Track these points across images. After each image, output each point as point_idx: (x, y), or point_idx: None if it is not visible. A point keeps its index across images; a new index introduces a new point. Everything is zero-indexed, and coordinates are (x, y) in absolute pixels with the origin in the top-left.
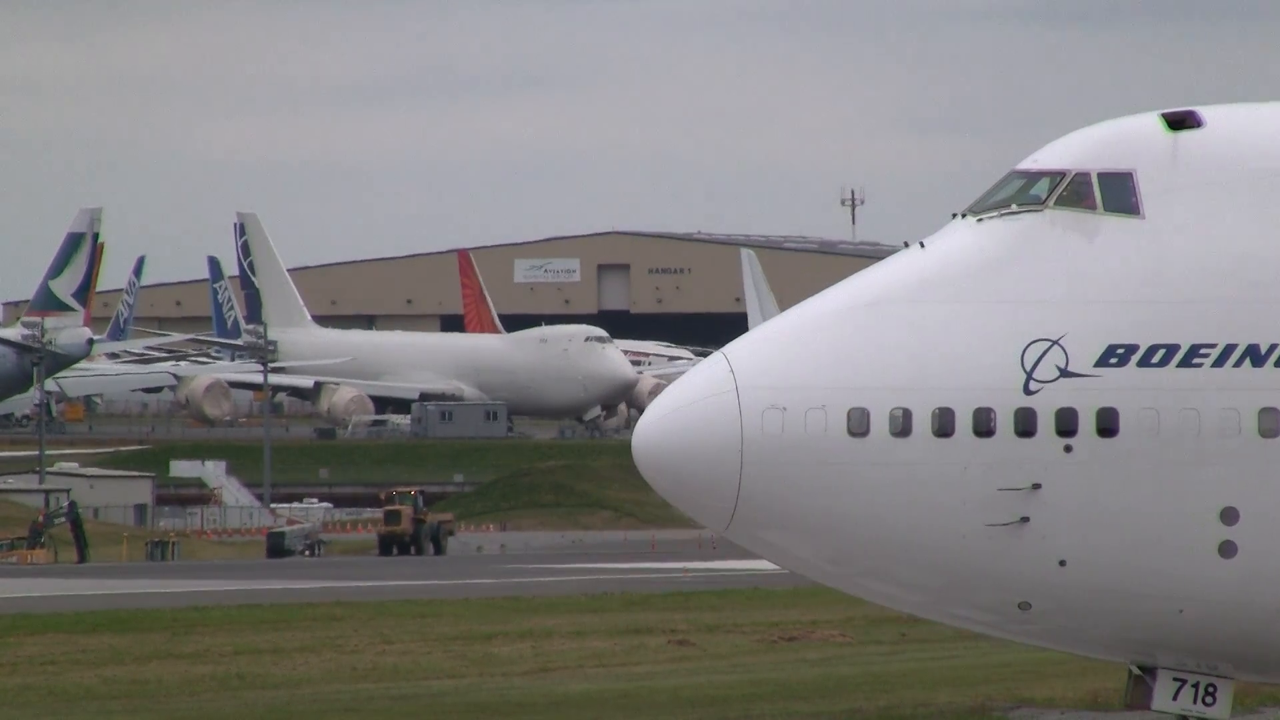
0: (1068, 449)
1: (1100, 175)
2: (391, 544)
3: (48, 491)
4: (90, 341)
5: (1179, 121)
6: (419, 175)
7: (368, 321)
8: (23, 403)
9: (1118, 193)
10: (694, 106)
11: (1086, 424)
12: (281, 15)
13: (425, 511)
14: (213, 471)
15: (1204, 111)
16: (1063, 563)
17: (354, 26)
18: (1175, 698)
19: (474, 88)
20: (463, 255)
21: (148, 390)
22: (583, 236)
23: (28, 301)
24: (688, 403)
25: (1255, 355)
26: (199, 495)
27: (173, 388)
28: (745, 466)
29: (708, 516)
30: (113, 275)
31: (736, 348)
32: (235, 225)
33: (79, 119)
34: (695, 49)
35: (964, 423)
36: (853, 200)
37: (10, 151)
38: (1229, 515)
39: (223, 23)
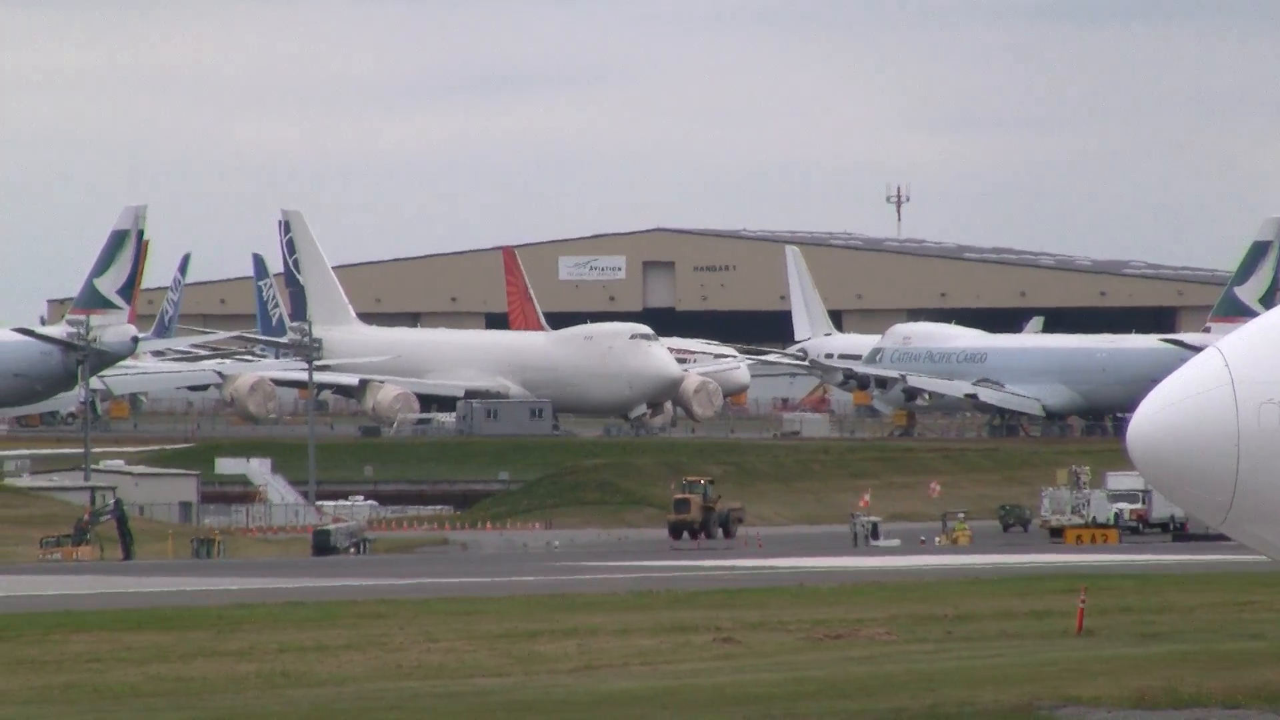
0: None
1: None
2: (681, 530)
3: (93, 489)
4: (135, 339)
5: None
6: (464, 173)
7: (412, 319)
8: (68, 400)
9: None
10: (739, 103)
11: None
12: (326, 12)
13: (715, 500)
14: (258, 469)
15: None
16: None
17: (399, 23)
18: None
19: (519, 85)
20: (507, 252)
21: (192, 388)
22: (628, 234)
23: (72, 299)
24: (1183, 397)
25: None
26: (244, 493)
27: (218, 386)
28: (1242, 461)
29: (1203, 510)
30: (157, 273)
31: (1230, 342)
32: (280, 223)
33: (123, 116)
34: (740, 45)
35: None
36: (898, 197)
37: (55, 148)
38: None
39: (268, 19)
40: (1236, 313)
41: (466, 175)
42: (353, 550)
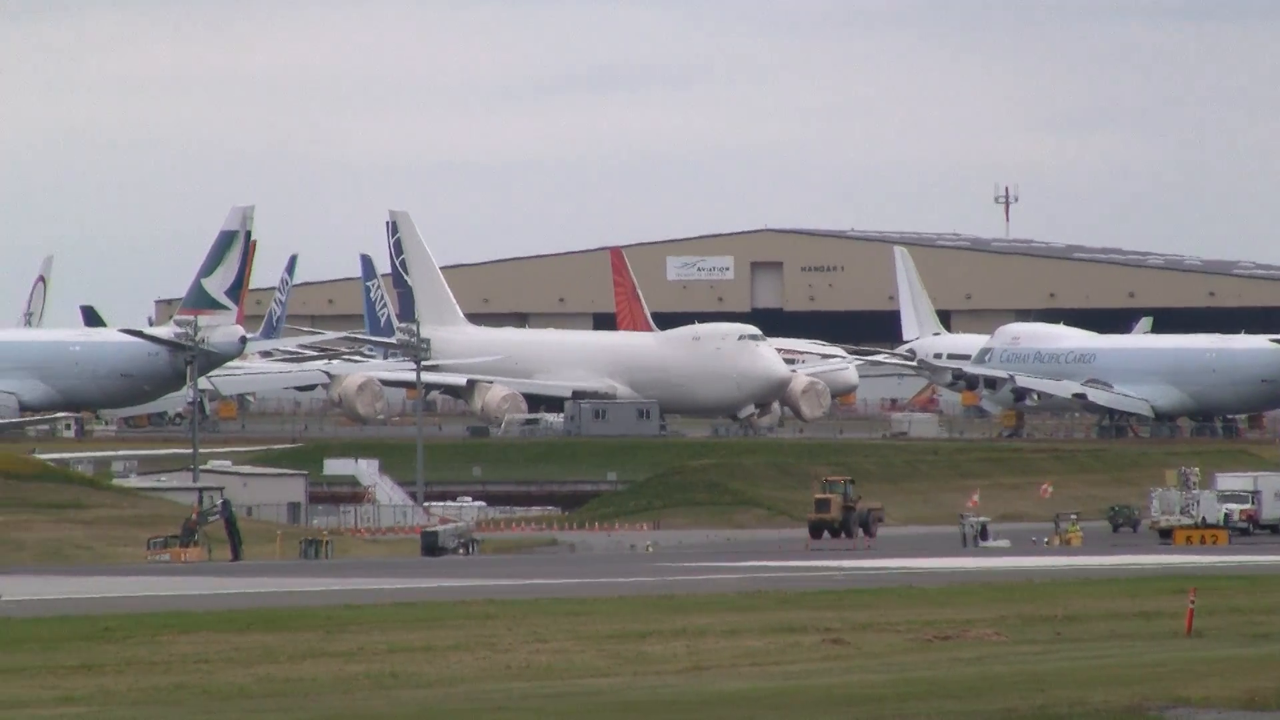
0: None
1: None
2: (821, 529)
3: (201, 490)
4: (243, 340)
5: None
6: (571, 172)
7: (520, 319)
8: (176, 401)
9: None
10: (847, 103)
11: None
12: (433, 14)
13: (856, 499)
14: (366, 470)
15: None
16: None
17: (505, 25)
18: None
19: (627, 85)
20: (615, 253)
21: (300, 388)
22: (736, 234)
23: (180, 299)
24: None
25: None
26: (352, 493)
27: (325, 386)
28: None
29: None
30: (265, 273)
31: None
32: (388, 223)
33: (232, 118)
34: (849, 46)
35: None
36: (1006, 197)
37: (164, 149)
38: None
39: (377, 21)
40: None
41: (574, 175)
42: (461, 551)
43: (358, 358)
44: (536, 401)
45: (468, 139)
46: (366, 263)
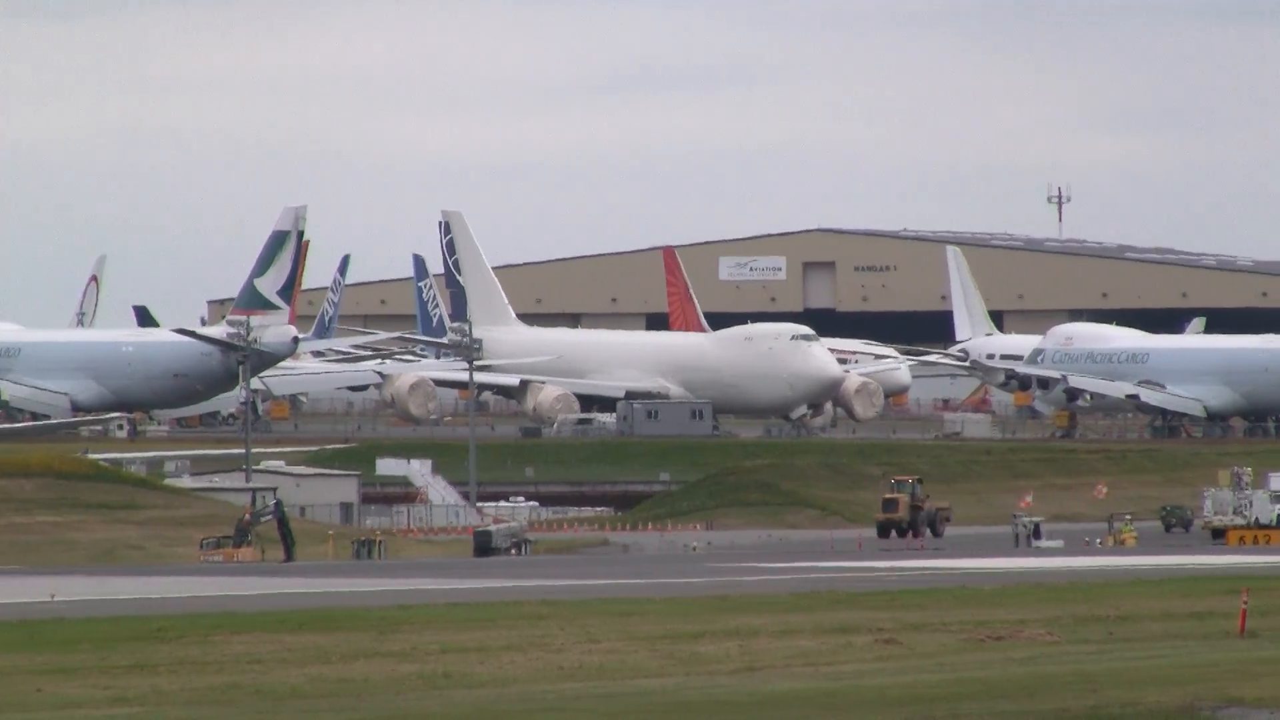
0: None
1: None
2: (889, 529)
3: (254, 490)
4: (295, 340)
5: None
6: (624, 173)
7: (572, 319)
8: (228, 401)
9: None
10: (899, 103)
11: None
12: (488, 12)
13: (923, 499)
14: (418, 470)
15: None
16: None
17: (560, 23)
18: None
19: (679, 84)
20: (668, 253)
21: (353, 389)
22: (788, 234)
23: (233, 300)
24: None
25: None
26: (404, 494)
27: (378, 386)
28: None
29: None
30: (317, 273)
31: None
32: (440, 223)
33: (283, 117)
34: (901, 45)
35: None
36: (1059, 197)
37: (216, 149)
38: None
39: (430, 20)
40: None
41: (627, 175)
42: (513, 551)
43: (410, 358)
44: (589, 402)
45: (520, 139)
46: (419, 263)
